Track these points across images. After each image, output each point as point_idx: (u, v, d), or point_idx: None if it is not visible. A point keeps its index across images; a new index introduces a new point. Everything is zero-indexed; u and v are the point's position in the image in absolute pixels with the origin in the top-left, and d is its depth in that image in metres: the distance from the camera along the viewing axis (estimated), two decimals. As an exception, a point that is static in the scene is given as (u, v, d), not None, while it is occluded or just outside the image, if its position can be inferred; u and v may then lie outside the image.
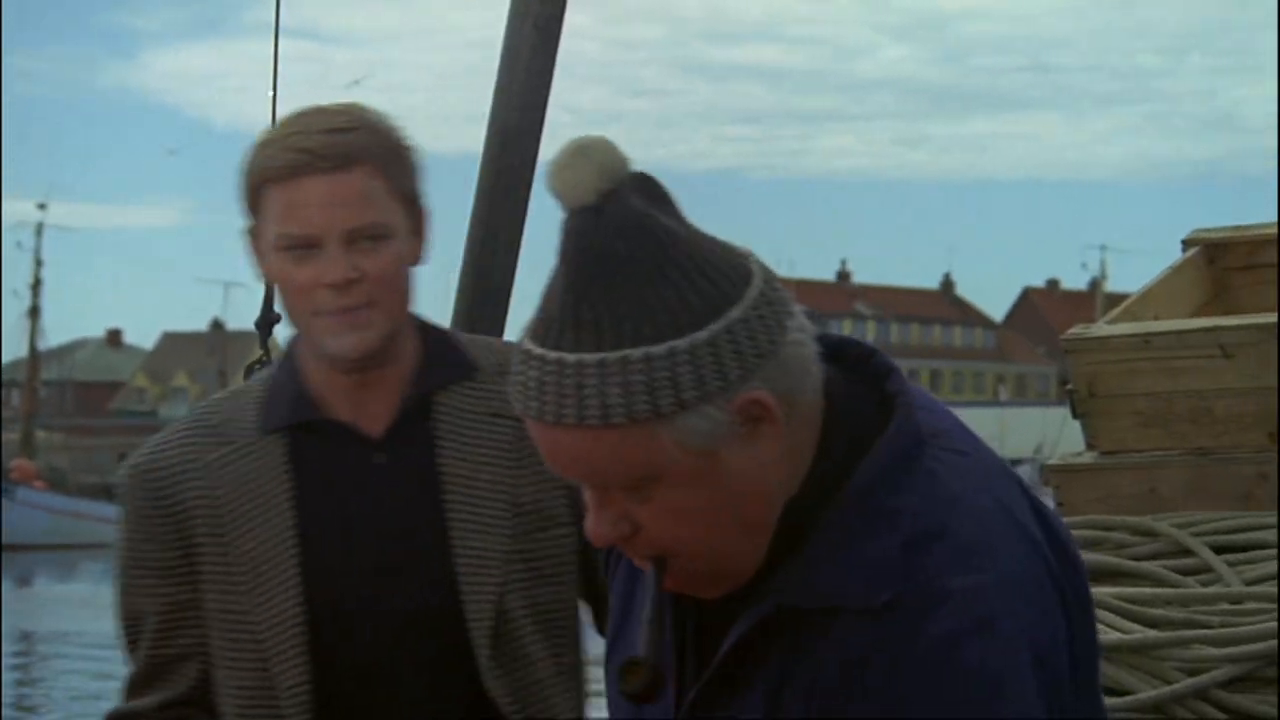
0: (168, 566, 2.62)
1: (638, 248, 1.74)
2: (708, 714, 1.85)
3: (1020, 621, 1.76)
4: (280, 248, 2.54)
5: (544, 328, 1.76)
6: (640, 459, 1.74)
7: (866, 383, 1.86)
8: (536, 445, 1.78)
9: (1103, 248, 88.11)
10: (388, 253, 2.54)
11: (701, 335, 1.73)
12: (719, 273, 1.76)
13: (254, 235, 2.59)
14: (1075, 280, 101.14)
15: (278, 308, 2.71)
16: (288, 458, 2.60)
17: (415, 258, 2.59)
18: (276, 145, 2.54)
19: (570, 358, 1.73)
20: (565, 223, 1.76)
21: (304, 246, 2.52)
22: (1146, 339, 3.30)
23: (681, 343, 1.72)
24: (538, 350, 1.75)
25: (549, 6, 3.11)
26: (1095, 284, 79.58)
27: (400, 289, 2.56)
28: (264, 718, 2.58)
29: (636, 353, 1.72)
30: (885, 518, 1.78)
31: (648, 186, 1.77)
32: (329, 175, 2.52)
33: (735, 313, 1.74)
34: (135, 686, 2.66)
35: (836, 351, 1.87)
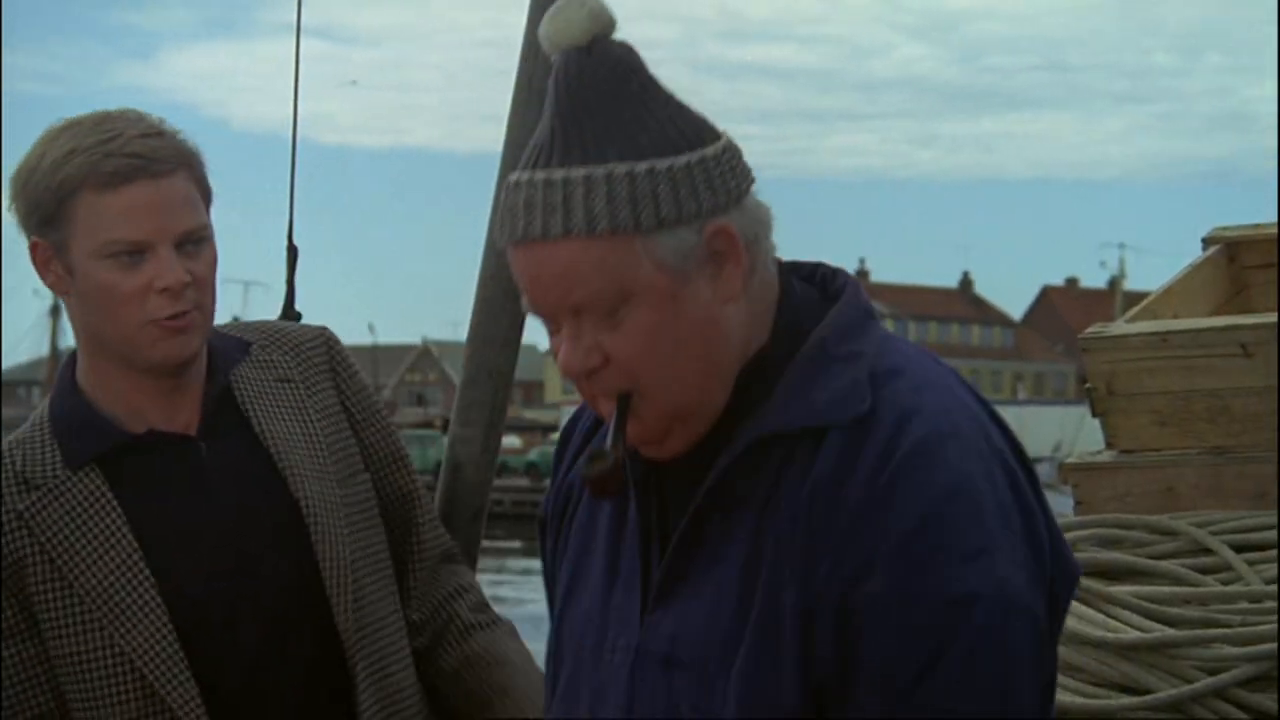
0: (6, 628, 2.53)
1: (623, 82, 1.89)
2: (686, 565, 1.92)
3: (984, 439, 1.91)
4: (106, 255, 2.50)
5: (532, 156, 1.90)
6: (619, 273, 1.86)
7: (817, 286, 2.02)
8: (519, 276, 1.90)
9: (1121, 246, 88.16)
10: (209, 255, 2.56)
11: (680, 160, 1.88)
12: (694, 119, 1.92)
13: (53, 248, 2.54)
14: (1094, 279, 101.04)
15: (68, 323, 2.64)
16: (106, 484, 2.56)
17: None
18: (92, 152, 2.49)
19: (558, 174, 1.86)
20: (556, 63, 1.90)
21: (135, 253, 2.50)
22: (1164, 337, 3.30)
23: (662, 163, 1.86)
24: (526, 176, 1.89)
25: (567, 5, 3.10)
26: (1114, 282, 79.35)
27: (214, 291, 2.58)
28: None
29: (621, 168, 1.86)
30: (846, 359, 1.92)
31: (632, 49, 1.93)
32: (158, 180, 2.51)
33: (710, 151, 1.90)
34: None
35: (790, 268, 2.03)
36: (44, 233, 2.53)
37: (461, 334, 3.14)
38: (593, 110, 1.87)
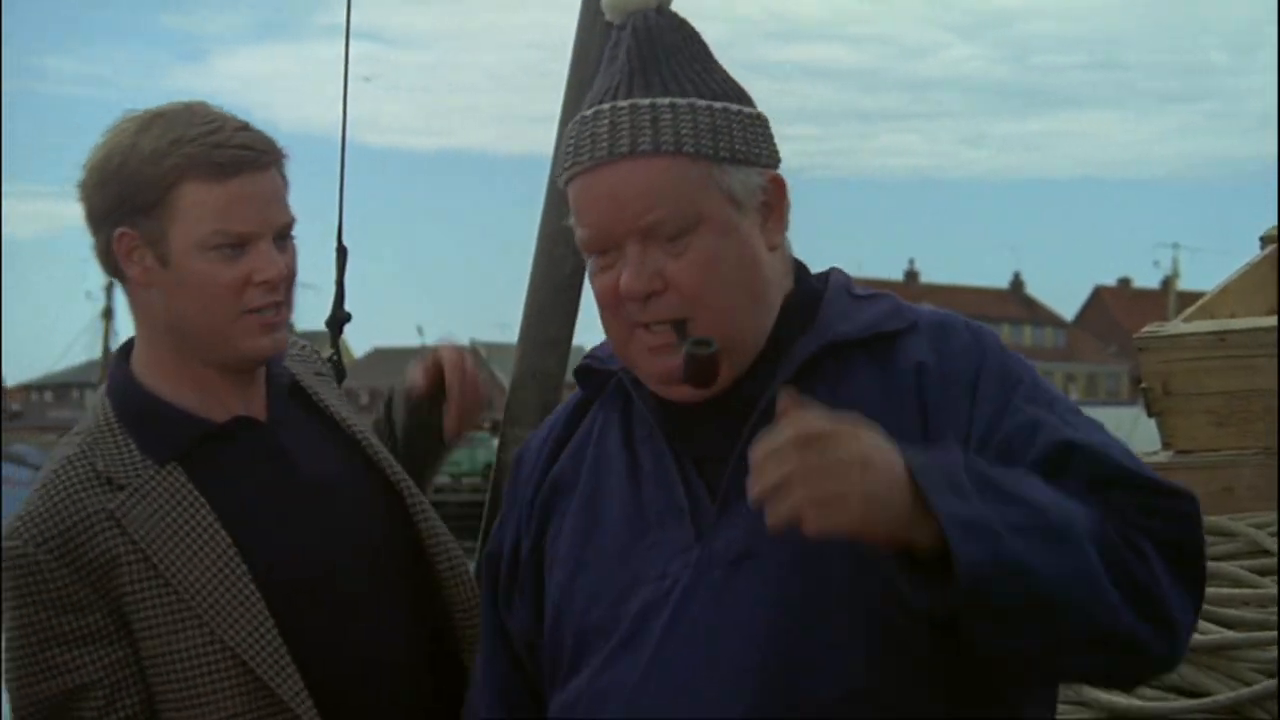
0: (95, 631, 2.46)
1: (689, 39, 2.09)
2: (743, 483, 1.97)
3: None
4: (210, 246, 2.48)
5: (608, 89, 2.05)
6: (695, 196, 2.01)
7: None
8: (592, 200, 2.02)
9: (1175, 246, 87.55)
10: (293, 250, 2.57)
11: (749, 110, 2.08)
12: (741, 86, 2.10)
13: (141, 238, 2.49)
14: (1147, 279, 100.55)
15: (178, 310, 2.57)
16: (189, 478, 2.51)
17: None
18: (200, 142, 2.46)
19: (644, 100, 2.03)
20: (627, 23, 2.07)
21: (237, 245, 2.48)
22: (1222, 337, 3.28)
23: (734, 106, 2.06)
24: (606, 105, 2.04)
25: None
26: (1168, 282, 78.96)
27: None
28: None
29: (702, 102, 2.04)
30: (872, 298, 2.14)
31: None
32: (263, 172, 2.51)
33: (762, 113, 2.09)
34: None
35: None
36: (135, 222, 2.49)
37: (509, 336, 3.13)
38: (667, 56, 2.06)
